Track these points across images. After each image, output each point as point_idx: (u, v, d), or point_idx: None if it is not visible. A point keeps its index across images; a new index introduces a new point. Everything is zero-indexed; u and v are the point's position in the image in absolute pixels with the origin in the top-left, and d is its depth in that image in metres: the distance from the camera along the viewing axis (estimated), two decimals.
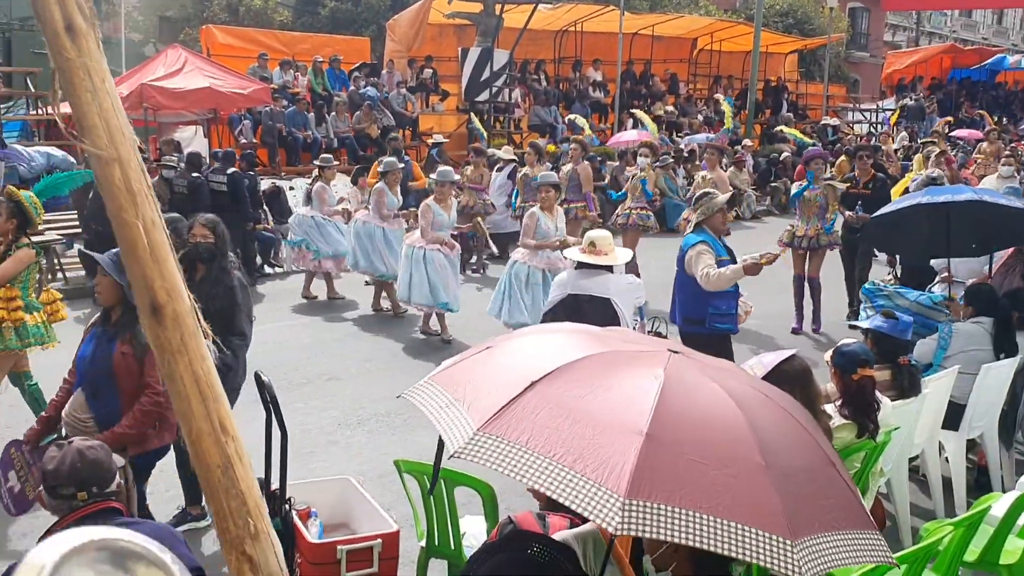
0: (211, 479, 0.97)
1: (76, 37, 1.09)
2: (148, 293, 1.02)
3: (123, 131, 1.10)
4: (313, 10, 27.48)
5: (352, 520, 4.54)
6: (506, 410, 2.40)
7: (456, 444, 2.34)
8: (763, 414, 2.50)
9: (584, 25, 24.19)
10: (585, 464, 2.19)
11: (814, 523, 2.27)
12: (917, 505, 5.68)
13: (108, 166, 1.06)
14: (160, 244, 1.03)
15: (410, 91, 20.16)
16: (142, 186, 1.07)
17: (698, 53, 28.27)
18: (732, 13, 33.86)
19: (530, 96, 22.24)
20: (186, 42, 22.14)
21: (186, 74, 15.12)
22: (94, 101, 1.08)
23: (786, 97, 27.88)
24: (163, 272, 1.02)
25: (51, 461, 2.97)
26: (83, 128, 1.10)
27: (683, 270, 6.02)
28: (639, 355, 2.67)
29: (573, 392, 2.43)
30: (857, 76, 39.83)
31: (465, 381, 2.66)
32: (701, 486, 2.18)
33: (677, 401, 2.39)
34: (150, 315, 1.00)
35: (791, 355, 4.10)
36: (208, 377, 1.00)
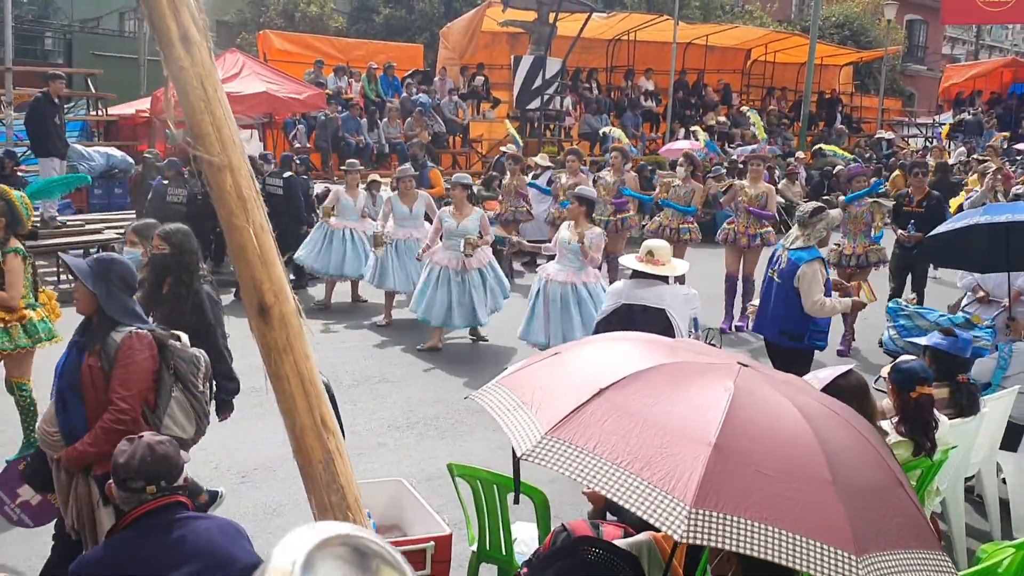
0: (313, 473, 1.01)
1: (190, 47, 1.14)
2: (256, 294, 1.06)
3: (234, 139, 1.14)
4: (368, 17, 27.80)
5: (404, 522, 4.59)
6: (574, 415, 2.43)
7: (524, 447, 2.38)
8: (832, 430, 2.49)
9: (637, 34, 24.15)
10: (652, 472, 2.21)
11: (880, 540, 2.26)
12: (972, 526, 5.58)
13: (220, 172, 1.11)
14: (268, 247, 1.08)
15: (461, 98, 20.30)
16: (251, 192, 1.12)
17: (752, 64, 28.06)
18: (787, 24, 33.58)
19: (581, 104, 22.26)
20: (242, 47, 22.53)
21: (243, 78, 15.37)
22: (207, 110, 1.14)
23: (840, 110, 27.56)
24: (271, 275, 1.07)
25: (122, 455, 3.04)
26: (196, 135, 1.15)
27: (789, 283, 6.06)
28: (709, 367, 2.68)
29: (642, 400, 2.45)
30: (913, 89, 39.22)
31: (533, 385, 2.68)
32: (768, 498, 2.19)
33: (746, 413, 2.40)
34: (258, 315, 1.05)
35: (848, 370, 4.07)
36: (311, 375, 1.05)
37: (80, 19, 28.99)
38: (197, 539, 2.93)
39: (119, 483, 3.03)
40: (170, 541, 2.91)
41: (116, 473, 3.04)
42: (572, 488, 5.21)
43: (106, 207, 14.94)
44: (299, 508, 5.58)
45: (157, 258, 5.02)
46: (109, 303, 3.99)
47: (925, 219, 9.64)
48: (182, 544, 2.91)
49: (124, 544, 2.94)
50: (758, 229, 10.38)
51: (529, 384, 2.68)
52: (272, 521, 5.52)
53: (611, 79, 24.77)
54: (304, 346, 1.04)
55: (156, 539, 2.92)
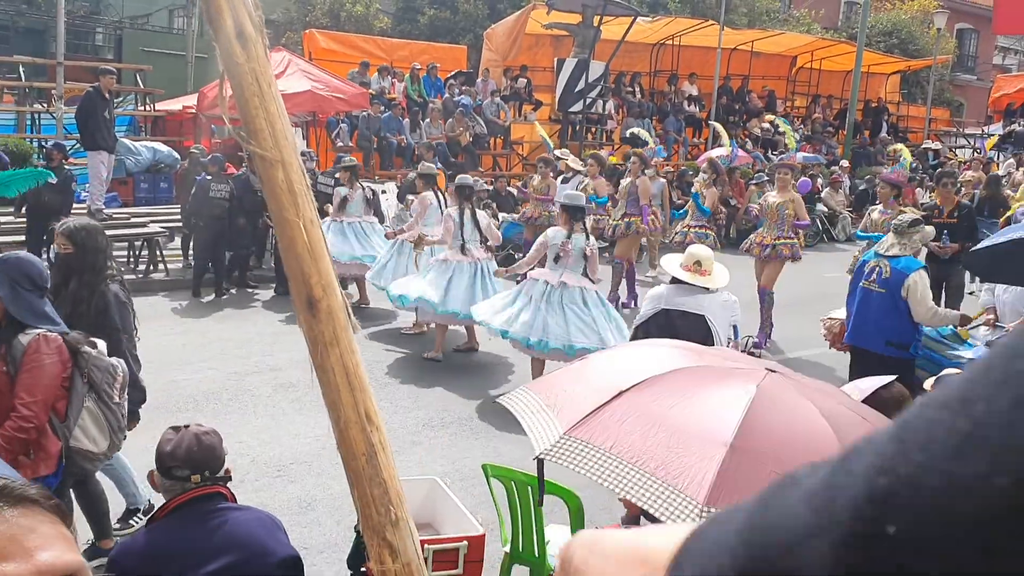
0: (356, 467, 1.02)
1: (246, 43, 1.16)
2: (305, 288, 1.08)
3: (286, 135, 1.16)
4: (412, 17, 27.94)
5: (437, 520, 4.60)
6: (593, 416, 2.46)
7: (542, 446, 2.41)
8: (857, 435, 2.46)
9: (682, 39, 24.05)
10: (667, 471, 2.23)
11: None
12: None
13: (272, 167, 1.13)
14: (317, 241, 1.09)
15: (503, 100, 20.33)
16: (302, 187, 1.13)
17: (797, 71, 27.81)
18: (834, 31, 33.20)
19: (624, 108, 22.20)
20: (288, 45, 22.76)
21: (288, 77, 15.55)
22: (261, 106, 1.15)
23: (886, 119, 27.21)
24: (320, 268, 1.08)
25: (168, 443, 3.07)
26: (250, 131, 1.17)
27: (896, 294, 6.12)
28: (733, 371, 2.69)
29: (661, 402, 2.47)
30: (962, 99, 38.60)
31: (558, 389, 2.73)
32: None
33: (766, 415, 2.41)
34: (306, 309, 1.06)
35: (890, 381, 4.01)
36: (356, 369, 1.06)
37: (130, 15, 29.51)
38: (236, 530, 2.96)
39: (164, 471, 3.06)
40: (210, 531, 2.94)
41: (162, 461, 3.07)
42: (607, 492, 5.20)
43: (151, 201, 15.21)
44: (334, 502, 5.63)
45: (60, 257, 4.78)
46: (14, 304, 3.83)
47: (958, 230, 9.55)
48: (221, 534, 2.94)
49: (165, 532, 2.98)
50: (773, 240, 10.12)
51: (554, 388, 2.71)
52: (307, 515, 5.57)
53: (654, 83, 24.69)
54: (350, 340, 1.05)
55: (196, 528, 2.95)
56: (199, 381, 8.01)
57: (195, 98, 16.94)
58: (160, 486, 3.10)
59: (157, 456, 3.09)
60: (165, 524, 3.01)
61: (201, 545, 2.91)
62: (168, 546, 2.92)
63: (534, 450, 2.48)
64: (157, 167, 15.76)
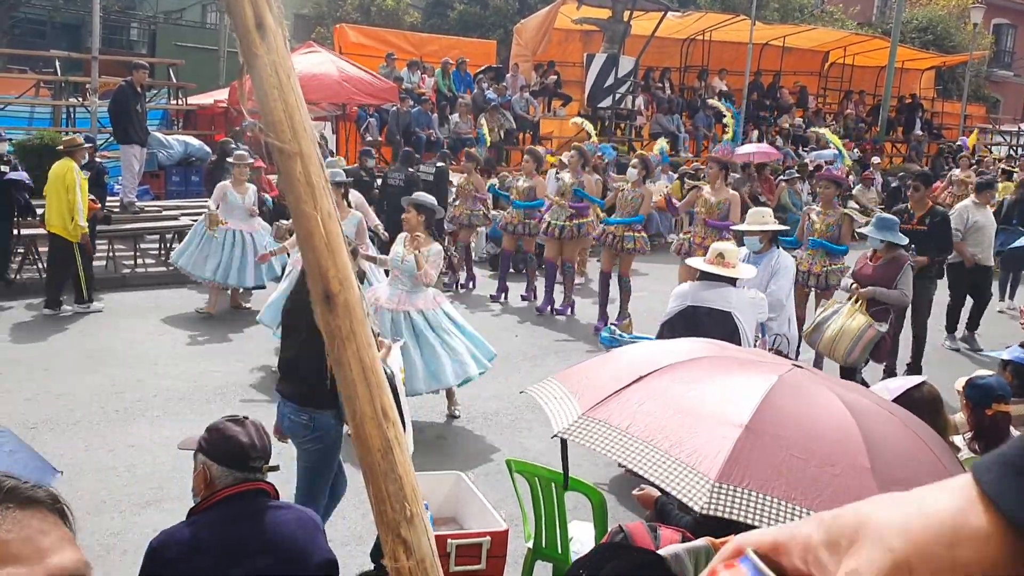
0: (371, 462, 1.01)
1: (266, 34, 1.15)
2: (322, 282, 1.07)
3: (305, 126, 1.15)
4: (443, 12, 27.96)
5: (461, 515, 4.61)
6: (612, 398, 2.50)
7: (560, 425, 2.44)
8: (882, 427, 2.46)
9: (712, 34, 23.85)
10: (681, 449, 2.25)
11: None
12: None
13: (290, 159, 1.12)
14: (335, 234, 1.08)
15: (533, 95, 20.29)
16: (320, 179, 1.12)
17: (830, 67, 27.49)
18: (867, 27, 32.81)
19: (653, 104, 22.08)
20: (319, 40, 22.87)
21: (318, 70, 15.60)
22: (280, 98, 1.14)
23: (920, 115, 26.84)
24: (337, 262, 1.08)
25: (242, 435, 3.05)
26: (268, 123, 1.16)
27: None
28: (757, 363, 2.71)
29: (680, 386, 2.51)
30: (999, 96, 37.99)
31: (581, 377, 2.79)
32: (798, 480, 2.18)
33: (785, 401, 2.42)
34: (323, 303, 1.05)
35: (921, 382, 3.95)
36: (373, 364, 1.05)
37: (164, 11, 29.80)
38: (278, 530, 2.97)
39: (237, 464, 3.02)
40: (253, 529, 2.94)
41: (243, 453, 3.03)
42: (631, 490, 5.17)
43: (183, 194, 15.33)
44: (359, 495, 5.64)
45: None
46: None
47: (929, 238, 8.54)
48: (264, 533, 2.94)
49: (209, 526, 2.96)
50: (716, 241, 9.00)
51: (578, 376, 2.76)
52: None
53: (684, 79, 24.52)
54: (367, 335, 1.04)
55: (240, 524, 2.95)
56: (227, 373, 8.08)
57: (227, 92, 17.06)
58: (219, 479, 3.03)
59: (228, 447, 3.04)
60: (210, 517, 2.99)
61: (243, 543, 2.92)
62: (211, 540, 2.91)
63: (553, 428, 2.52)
64: (188, 160, 15.89)
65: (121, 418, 6.98)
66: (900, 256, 7.27)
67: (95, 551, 4.86)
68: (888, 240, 7.22)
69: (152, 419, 6.96)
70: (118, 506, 5.55)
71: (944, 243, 8.79)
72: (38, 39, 25.54)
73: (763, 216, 7.21)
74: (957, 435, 4.38)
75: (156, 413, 7.06)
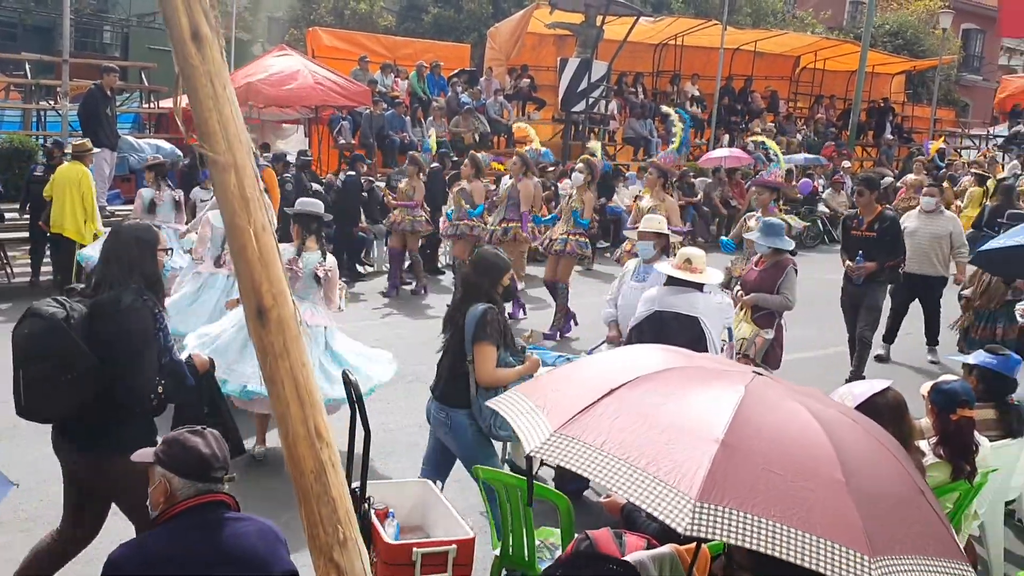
0: (304, 484, 0.99)
1: (201, 44, 1.13)
2: (255, 296, 1.05)
3: (240, 138, 1.13)
4: (416, 16, 27.93)
5: (428, 524, 4.58)
6: (584, 413, 2.47)
7: (533, 444, 2.41)
8: (849, 437, 2.47)
9: (685, 39, 23.97)
10: (659, 467, 2.22)
11: (895, 544, 2.21)
12: (1011, 552, 5.44)
13: (224, 172, 1.10)
14: (269, 248, 1.06)
15: (507, 99, 20.31)
16: (255, 192, 1.10)
17: (801, 71, 27.72)
18: (838, 32, 33.09)
19: (626, 108, 22.15)
20: (292, 43, 22.75)
21: (290, 74, 15.54)
22: (215, 108, 1.12)
23: (891, 119, 27.11)
24: (270, 276, 1.05)
25: (202, 446, 2.99)
26: (203, 134, 1.14)
27: None
28: (723, 372, 2.71)
29: (652, 399, 2.48)
30: (968, 100, 38.45)
31: (548, 390, 2.74)
32: (776, 495, 2.17)
33: (756, 413, 2.40)
34: (256, 318, 1.03)
35: (885, 387, 3.97)
36: (307, 383, 1.03)
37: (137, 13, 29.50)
38: (239, 542, 2.92)
39: (198, 475, 2.96)
40: (213, 542, 2.90)
41: (206, 464, 2.97)
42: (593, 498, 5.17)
43: None
44: None
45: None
46: None
47: (877, 245, 8.38)
48: (223, 546, 2.89)
49: (168, 539, 2.92)
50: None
51: (544, 389, 2.72)
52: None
53: (657, 84, 24.62)
54: (301, 352, 1.02)
55: (200, 538, 2.90)
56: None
57: None
58: (180, 490, 2.97)
59: (189, 459, 2.98)
60: (168, 530, 2.94)
61: (204, 555, 2.87)
62: (170, 554, 2.86)
63: (524, 447, 2.49)
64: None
65: None
66: (783, 260, 7.06)
67: None
68: (774, 246, 7.02)
69: None
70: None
71: (893, 249, 8.50)
72: (9, 41, 25.21)
73: (658, 223, 6.96)
74: (923, 440, 4.41)
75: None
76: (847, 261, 8.60)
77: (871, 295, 8.50)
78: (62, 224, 9.76)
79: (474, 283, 4.92)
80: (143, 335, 3.89)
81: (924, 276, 9.38)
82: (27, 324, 3.85)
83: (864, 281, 8.40)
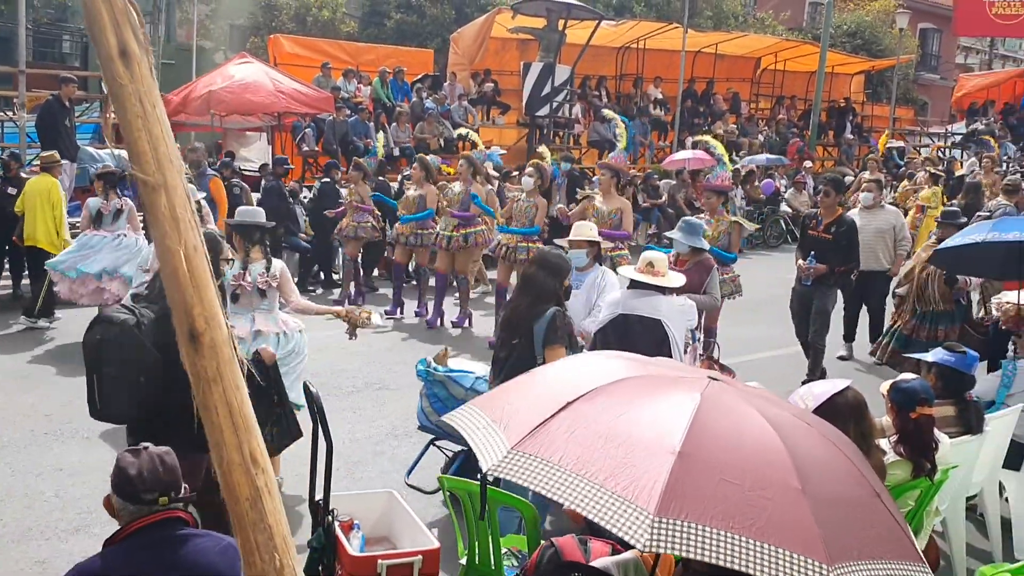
0: (239, 512, 0.97)
1: (130, 63, 1.11)
2: (187, 320, 1.02)
3: (171, 158, 1.11)
4: (379, 22, 27.81)
5: (394, 534, 4.55)
6: (540, 429, 2.45)
7: (489, 462, 2.39)
8: (804, 442, 2.48)
9: (647, 42, 24.09)
10: (616, 482, 2.21)
11: (853, 550, 2.22)
12: (973, 546, 5.50)
13: (154, 192, 1.07)
14: (201, 270, 1.04)
15: (471, 104, 20.30)
16: (186, 212, 1.08)
17: (761, 72, 27.97)
18: (798, 32, 33.44)
19: (590, 112, 22.22)
20: (254, 51, 22.58)
21: (252, 82, 15.42)
22: (144, 128, 1.10)
23: (851, 119, 27.45)
24: (203, 298, 1.03)
25: (131, 467, 2.95)
26: (133, 154, 1.11)
27: None
28: (679, 380, 2.71)
29: (608, 411, 2.46)
30: (926, 99, 39.03)
31: (503, 403, 2.71)
32: (734, 506, 2.17)
33: (712, 422, 2.40)
34: (188, 342, 1.01)
35: (845, 387, 3.99)
36: (242, 408, 1.00)
37: None
38: (197, 559, 2.88)
39: (128, 496, 2.93)
40: (170, 559, 2.85)
41: (129, 485, 2.93)
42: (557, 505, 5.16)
43: None
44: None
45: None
46: None
47: (831, 248, 8.25)
48: (181, 563, 2.85)
49: (124, 557, 2.87)
50: (609, 252, 8.41)
51: (499, 403, 2.69)
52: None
53: (620, 87, 24.73)
54: (235, 376, 1.00)
55: (155, 555, 2.86)
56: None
57: None
58: (120, 511, 2.97)
59: (120, 480, 2.96)
60: (124, 548, 2.90)
61: (160, 573, 2.83)
62: (124, 571, 2.82)
63: (481, 466, 2.46)
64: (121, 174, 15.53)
65: (50, 440, 6.79)
66: (706, 259, 7.01)
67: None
68: (695, 245, 6.93)
69: (82, 442, 6.77)
70: (44, 533, 5.39)
71: (847, 254, 8.34)
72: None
73: (589, 230, 6.86)
74: (883, 438, 4.45)
75: (86, 435, 6.87)
76: (799, 260, 8.51)
77: (820, 299, 8.37)
78: (35, 236, 9.90)
79: (544, 284, 4.91)
80: None
81: (870, 272, 9.35)
82: (98, 330, 4.13)
83: (812, 283, 8.28)
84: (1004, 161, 23.56)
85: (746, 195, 19.00)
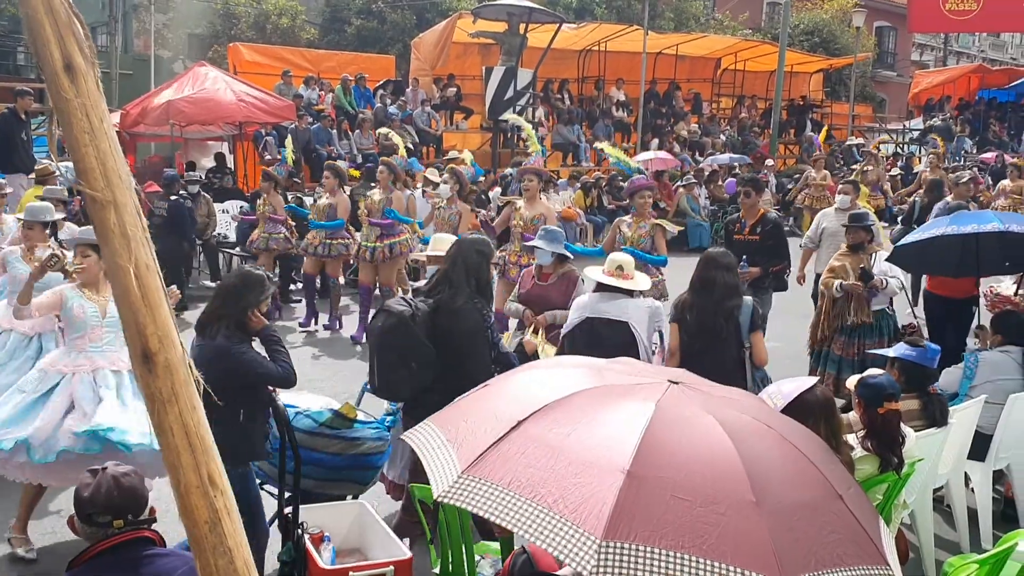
0: (198, 535, 0.94)
1: (75, 77, 1.07)
2: (140, 340, 0.99)
3: (119, 174, 1.07)
4: (340, 28, 27.68)
5: (365, 546, 4.51)
6: (491, 451, 2.41)
7: (440, 488, 2.35)
8: (761, 448, 2.45)
9: (608, 45, 24.20)
10: (565, 504, 2.17)
11: (810, 560, 2.21)
12: (941, 537, 5.57)
13: (103, 209, 1.04)
14: (153, 289, 1.00)
15: (434, 109, 20.26)
16: (136, 230, 1.05)
17: (722, 72, 28.21)
18: (757, 32, 33.75)
19: (553, 115, 22.26)
20: (214, 59, 22.35)
21: (212, 91, 15.24)
22: (91, 143, 1.07)
23: (811, 117, 27.75)
24: (156, 318, 1.00)
25: (86, 488, 2.90)
26: (80, 170, 1.08)
27: None
28: (634, 388, 2.65)
29: (559, 430, 2.42)
30: (884, 95, 39.57)
31: (459, 421, 2.67)
32: (684, 525, 2.14)
33: (665, 436, 2.36)
34: (141, 363, 0.98)
35: (812, 385, 4.02)
36: (198, 428, 0.98)
37: None
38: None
39: (84, 518, 2.89)
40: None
41: (81, 508, 2.89)
42: None
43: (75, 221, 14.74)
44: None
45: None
46: None
47: (760, 249, 7.88)
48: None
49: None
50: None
51: (455, 420, 2.66)
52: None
53: (583, 90, 24.81)
54: (191, 396, 0.97)
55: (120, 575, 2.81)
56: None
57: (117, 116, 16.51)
58: (81, 532, 2.93)
59: (76, 502, 2.92)
60: (86, 570, 2.84)
61: None
62: None
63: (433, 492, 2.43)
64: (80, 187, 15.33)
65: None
66: (570, 272, 6.47)
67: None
68: (560, 253, 6.41)
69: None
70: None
71: (776, 252, 7.94)
72: None
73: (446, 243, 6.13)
74: (851, 433, 4.48)
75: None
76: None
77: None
78: None
79: (727, 282, 5.35)
80: (473, 331, 4.73)
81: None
82: (380, 318, 4.68)
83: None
84: (962, 155, 23.95)
85: (710, 195, 19.15)
